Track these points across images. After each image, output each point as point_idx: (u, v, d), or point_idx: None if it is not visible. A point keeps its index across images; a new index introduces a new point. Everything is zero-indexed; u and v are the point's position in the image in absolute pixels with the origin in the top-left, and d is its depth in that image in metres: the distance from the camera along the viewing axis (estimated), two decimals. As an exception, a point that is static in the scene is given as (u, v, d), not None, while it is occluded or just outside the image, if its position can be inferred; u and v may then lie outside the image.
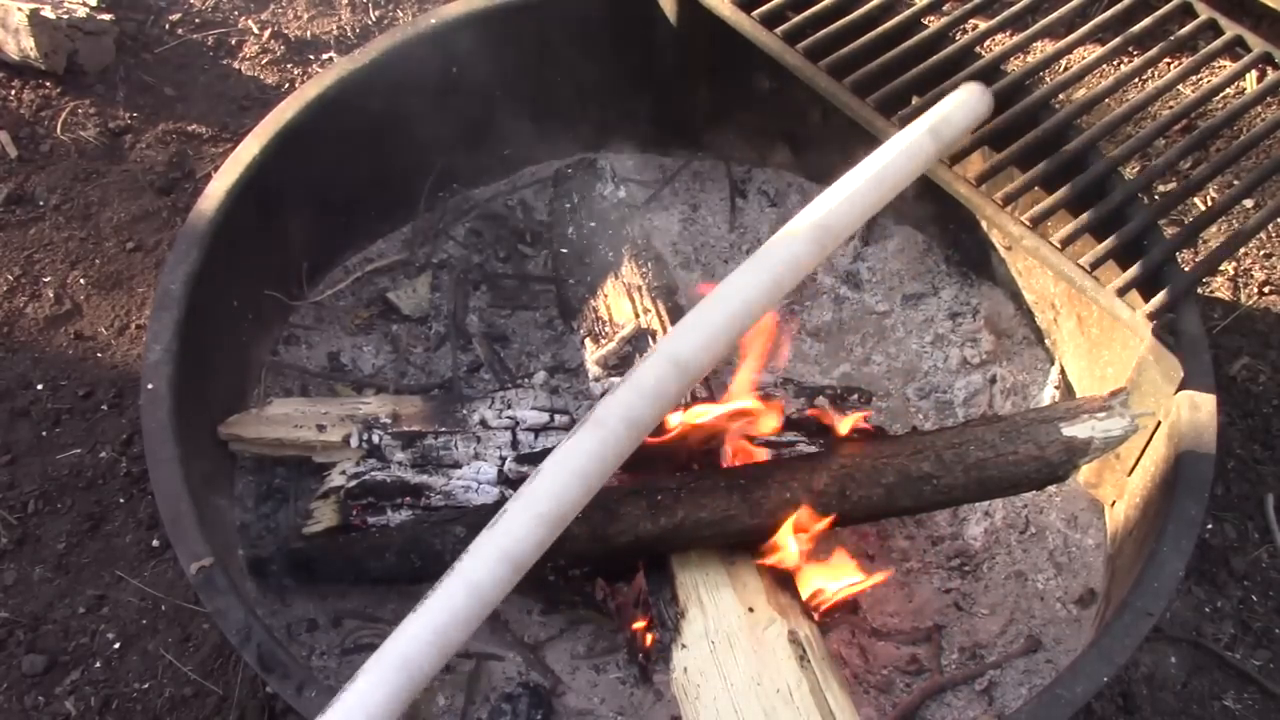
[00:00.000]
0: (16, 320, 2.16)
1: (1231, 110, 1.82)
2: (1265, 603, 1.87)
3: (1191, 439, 1.53)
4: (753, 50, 1.88)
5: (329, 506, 1.76)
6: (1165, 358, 1.53)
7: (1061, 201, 1.66)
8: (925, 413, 2.01)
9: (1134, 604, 1.41)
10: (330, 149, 1.98)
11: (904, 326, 2.12)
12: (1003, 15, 1.91)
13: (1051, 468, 1.55)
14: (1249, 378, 2.13)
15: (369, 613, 1.74)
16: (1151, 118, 2.34)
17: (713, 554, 1.63)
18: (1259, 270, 2.29)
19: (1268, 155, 2.30)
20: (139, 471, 1.96)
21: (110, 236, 2.28)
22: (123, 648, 1.79)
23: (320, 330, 2.09)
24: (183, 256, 1.72)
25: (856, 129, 1.79)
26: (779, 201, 2.31)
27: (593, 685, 1.68)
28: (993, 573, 1.82)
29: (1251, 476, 2.01)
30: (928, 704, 1.67)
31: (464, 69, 2.09)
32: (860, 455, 1.59)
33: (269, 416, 1.82)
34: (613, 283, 1.95)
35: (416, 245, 2.20)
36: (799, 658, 1.49)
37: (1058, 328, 2.00)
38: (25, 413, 2.04)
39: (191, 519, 1.49)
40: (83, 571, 1.87)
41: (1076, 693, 1.34)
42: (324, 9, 2.73)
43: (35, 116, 2.45)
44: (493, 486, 1.75)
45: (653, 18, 2.13)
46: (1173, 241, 1.65)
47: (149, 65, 2.59)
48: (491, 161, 2.30)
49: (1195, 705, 1.77)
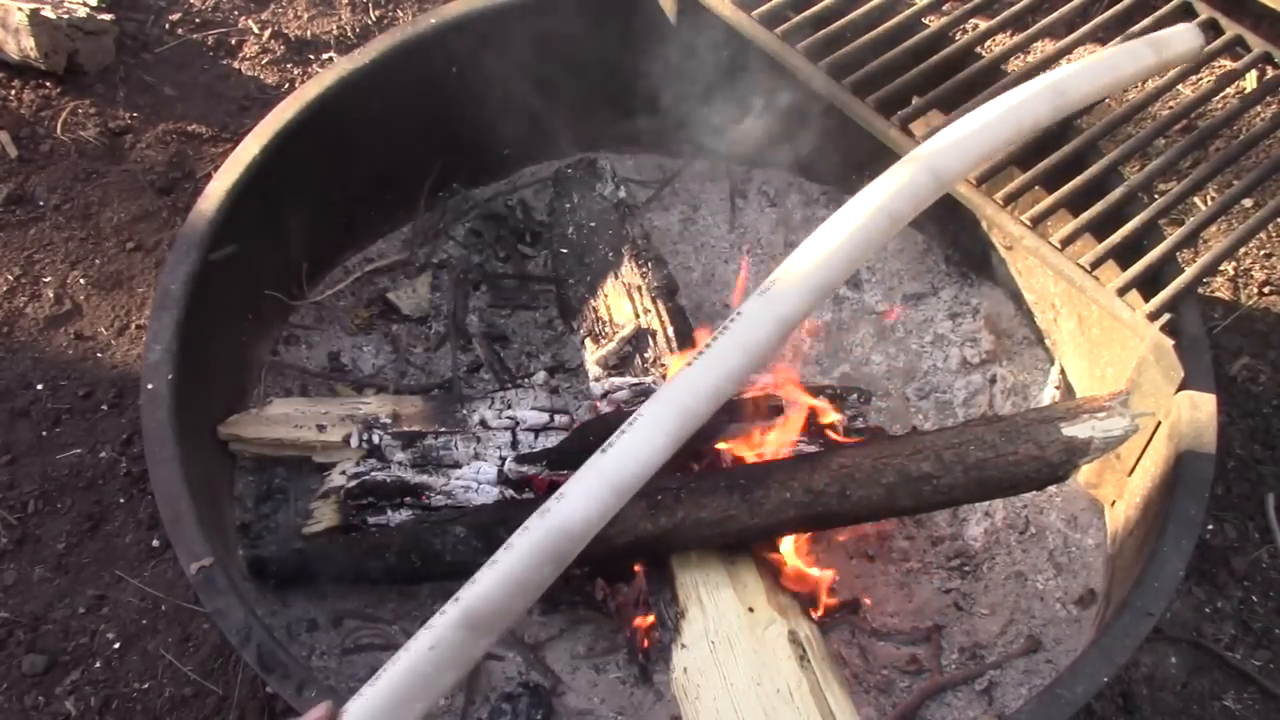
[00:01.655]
0: (16, 320, 2.16)
1: (1231, 110, 1.82)
2: (1265, 603, 1.87)
3: (1192, 439, 1.53)
4: (753, 50, 1.88)
5: (329, 506, 1.76)
6: (1165, 357, 1.53)
7: (1061, 201, 1.66)
8: (925, 413, 2.01)
9: (1134, 604, 1.41)
10: (330, 149, 1.98)
11: (904, 326, 2.12)
12: (1003, 15, 1.91)
13: (1052, 468, 1.55)
14: (1249, 378, 2.13)
15: (369, 613, 1.74)
16: (1151, 118, 2.34)
17: (713, 554, 1.63)
18: (1259, 270, 2.29)
19: (1267, 155, 2.29)
20: (139, 471, 1.96)
21: (110, 236, 2.28)
22: (123, 648, 1.79)
23: (320, 330, 2.09)
24: (183, 256, 1.72)
25: (856, 129, 1.79)
26: (779, 201, 2.31)
27: (593, 685, 1.68)
28: (993, 573, 1.82)
29: (1252, 476, 2.01)
30: (928, 704, 1.67)
31: (464, 69, 2.09)
32: (860, 455, 1.59)
33: (269, 416, 1.82)
34: (613, 283, 1.95)
35: (416, 245, 2.20)
36: (799, 658, 1.49)
37: (1058, 328, 2.00)
38: (25, 413, 2.04)
39: (191, 519, 1.49)
40: (83, 571, 1.87)
41: (1076, 693, 1.34)
42: (324, 9, 2.73)
43: (35, 116, 2.45)
44: (492, 486, 1.75)
45: (653, 18, 2.13)
46: (1173, 241, 1.65)
47: (149, 65, 2.59)
48: (491, 161, 2.31)
49: (1195, 705, 1.77)
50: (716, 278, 2.20)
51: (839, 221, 1.33)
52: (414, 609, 1.75)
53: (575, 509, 1.14)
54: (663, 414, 1.21)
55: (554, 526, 1.13)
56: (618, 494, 1.16)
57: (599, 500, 1.14)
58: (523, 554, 1.11)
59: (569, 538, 1.13)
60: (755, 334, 1.24)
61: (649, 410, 1.21)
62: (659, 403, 1.21)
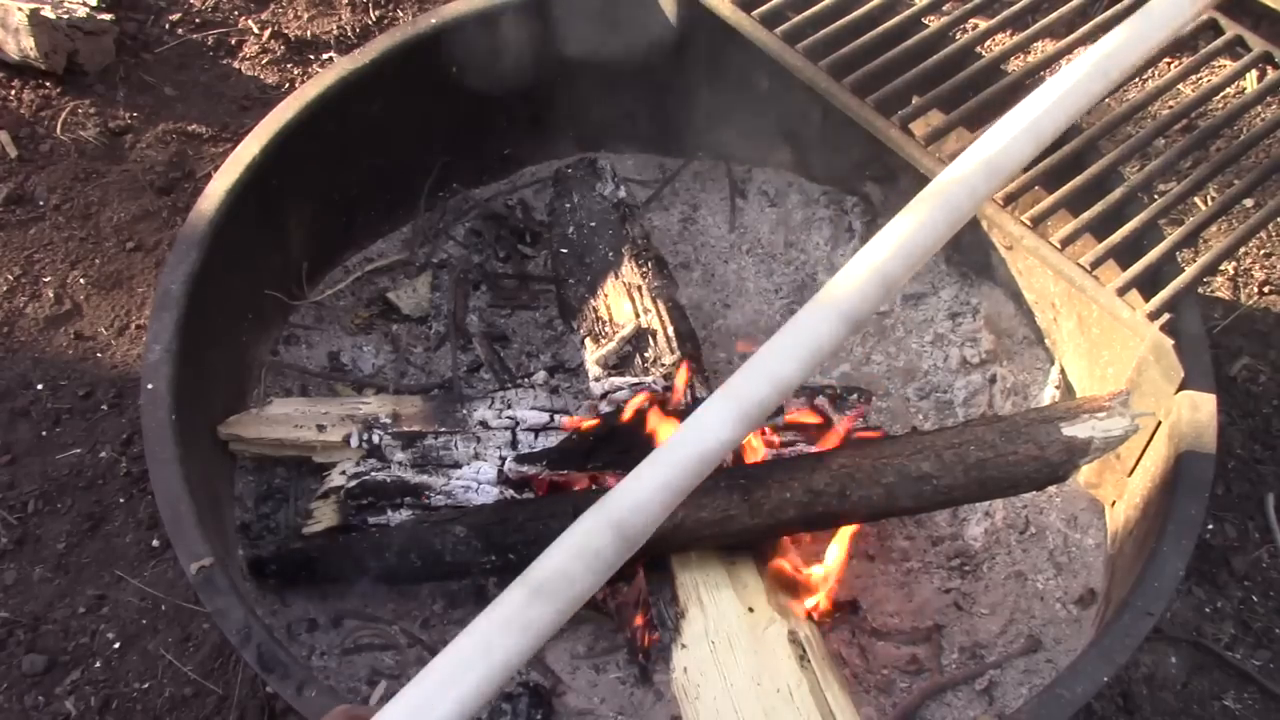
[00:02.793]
0: (16, 320, 2.16)
1: (1231, 110, 1.82)
2: (1265, 603, 1.87)
3: (1191, 439, 1.53)
4: (753, 50, 1.88)
5: (329, 506, 1.76)
6: (1165, 357, 1.53)
7: (1061, 201, 1.66)
8: (925, 413, 2.01)
9: (1134, 604, 1.41)
10: (330, 149, 1.98)
11: (904, 326, 2.12)
12: (1003, 15, 1.91)
13: (1052, 468, 1.55)
14: (1249, 378, 2.13)
15: (369, 613, 1.74)
16: (1151, 117, 2.34)
17: (713, 554, 1.63)
18: (1259, 270, 2.29)
19: (1268, 155, 2.29)
20: (139, 471, 1.96)
21: (110, 236, 2.28)
22: (123, 648, 1.79)
23: (320, 330, 2.09)
24: (183, 256, 1.72)
25: (856, 129, 1.79)
26: (779, 201, 2.31)
27: (593, 685, 1.68)
28: (993, 573, 1.82)
29: (1251, 476, 2.01)
30: (928, 704, 1.67)
31: (464, 69, 2.09)
32: (860, 455, 1.59)
33: (269, 416, 1.82)
34: (613, 283, 1.95)
35: (416, 245, 2.20)
36: (799, 658, 1.49)
37: (1058, 328, 2.00)
38: (25, 413, 2.04)
39: (191, 519, 1.49)
40: (83, 571, 1.87)
41: (1076, 693, 1.34)
42: (324, 9, 2.73)
43: (35, 116, 2.45)
44: (492, 486, 1.75)
45: (653, 18, 2.13)
46: (1173, 241, 1.64)
47: (149, 65, 2.59)
48: (491, 161, 2.30)
49: (1195, 705, 1.77)
50: (716, 278, 2.20)
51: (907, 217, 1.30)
52: (414, 609, 1.75)
53: (710, 428, 1.16)
54: (790, 344, 1.21)
55: (695, 445, 1.15)
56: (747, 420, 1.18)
57: (732, 421, 1.17)
58: (670, 466, 1.13)
59: (708, 455, 1.15)
60: (821, 327, 1.24)
61: (770, 345, 1.22)
62: (783, 334, 1.23)
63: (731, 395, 1.19)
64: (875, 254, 1.26)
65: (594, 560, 1.07)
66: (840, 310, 1.23)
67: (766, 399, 1.20)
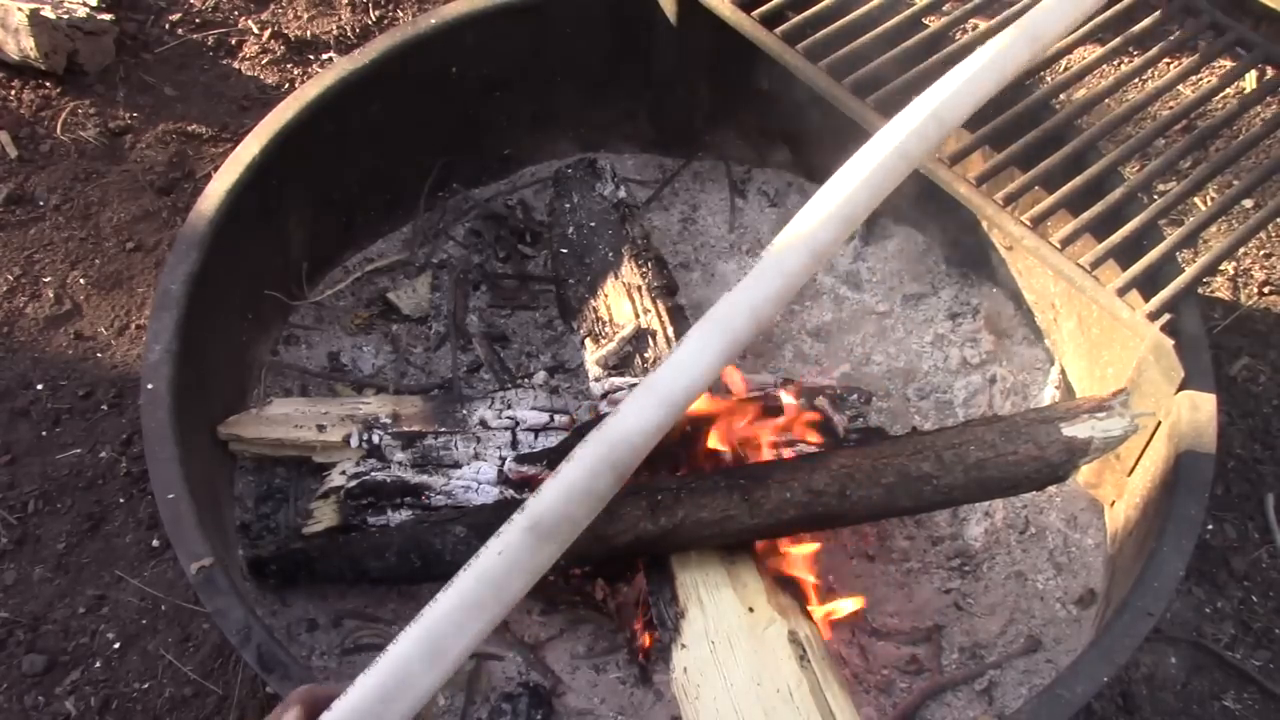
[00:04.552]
0: (16, 320, 2.16)
1: (1231, 110, 1.82)
2: (1265, 603, 1.87)
3: (1191, 439, 1.53)
4: (753, 50, 1.88)
5: (329, 506, 1.76)
6: (1165, 357, 1.53)
7: (1061, 201, 1.66)
8: (925, 413, 2.01)
9: (1134, 604, 1.41)
10: (330, 149, 1.98)
11: (904, 326, 2.12)
12: (1003, 15, 1.91)
13: (1052, 468, 1.55)
14: (1249, 378, 2.13)
15: (369, 613, 1.74)
16: (1151, 118, 2.34)
17: (713, 554, 1.63)
18: (1259, 270, 2.29)
19: (1267, 155, 2.30)
20: (139, 471, 1.96)
21: (110, 236, 2.28)
22: (123, 648, 1.79)
23: (320, 330, 2.09)
24: (183, 256, 1.72)
25: (856, 129, 1.79)
26: (779, 201, 2.31)
27: (593, 685, 1.68)
28: (993, 573, 1.82)
29: (1251, 476, 2.01)
30: (928, 704, 1.67)
31: (464, 69, 2.09)
32: (860, 455, 1.59)
33: (269, 416, 1.82)
34: (613, 283, 1.95)
35: (416, 245, 2.20)
36: (799, 658, 1.49)
37: (1058, 328, 2.00)
38: (25, 413, 2.04)
39: (191, 519, 1.49)
40: (83, 571, 1.87)
41: (1076, 693, 1.34)
42: (324, 9, 2.73)
43: (35, 116, 2.45)
44: (492, 486, 1.75)
45: (653, 18, 2.13)
46: (1173, 241, 1.64)
47: (149, 65, 2.59)
48: (491, 161, 2.31)
49: (1195, 705, 1.77)
50: (716, 278, 2.20)
51: (856, 163, 1.40)
52: (414, 609, 1.74)
53: (630, 421, 1.23)
54: (708, 331, 1.29)
55: (611, 438, 1.21)
56: (669, 407, 1.25)
57: (653, 411, 1.23)
58: (583, 463, 1.20)
59: (626, 448, 1.22)
60: (791, 260, 1.33)
61: (695, 331, 1.30)
62: (705, 322, 1.31)
63: (714, 321, 1.29)
64: (834, 196, 1.38)
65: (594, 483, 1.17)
66: (809, 247, 1.34)
67: (745, 328, 1.28)
